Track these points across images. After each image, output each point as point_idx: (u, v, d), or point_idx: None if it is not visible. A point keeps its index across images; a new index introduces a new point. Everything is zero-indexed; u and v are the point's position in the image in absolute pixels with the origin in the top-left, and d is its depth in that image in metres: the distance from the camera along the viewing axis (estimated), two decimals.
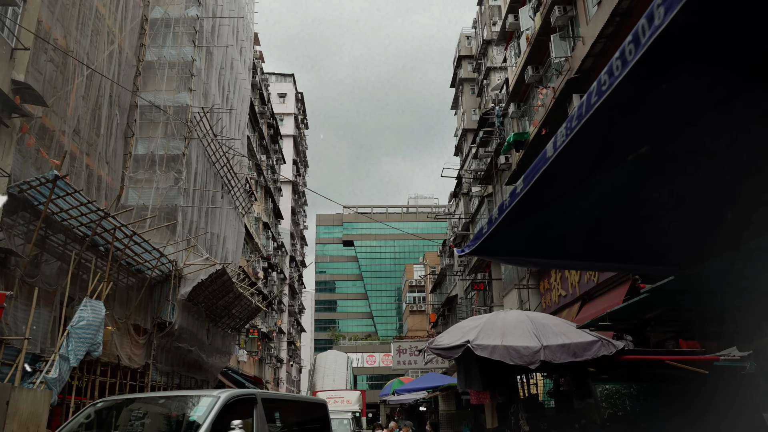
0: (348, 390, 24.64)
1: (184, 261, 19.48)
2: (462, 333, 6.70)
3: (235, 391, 6.44)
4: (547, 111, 14.84)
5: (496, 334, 6.44)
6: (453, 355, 6.45)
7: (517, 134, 17.47)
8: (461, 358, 6.80)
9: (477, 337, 6.45)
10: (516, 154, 19.00)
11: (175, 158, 20.40)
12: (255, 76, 37.78)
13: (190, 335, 20.49)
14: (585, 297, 13.77)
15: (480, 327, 6.64)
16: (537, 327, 6.79)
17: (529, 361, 6.41)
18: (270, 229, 42.40)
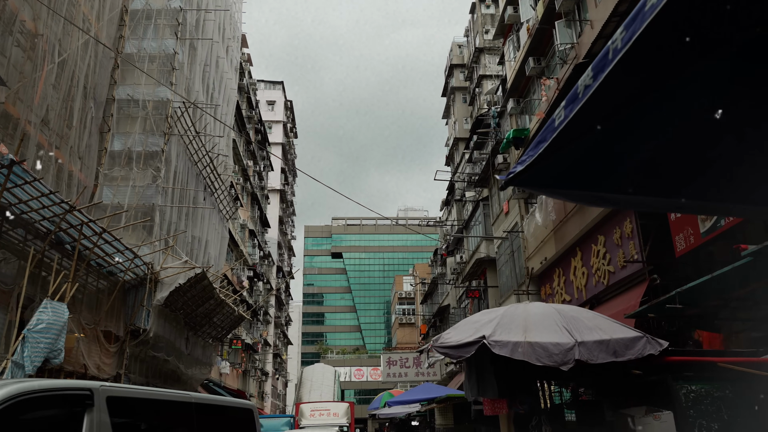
0: (335, 402, 23.06)
1: (161, 264, 18.22)
2: (474, 328, 5.56)
3: (35, 383, 3.76)
4: (551, 102, 13.88)
5: (518, 328, 5.31)
6: (464, 354, 5.30)
7: (516, 130, 16.52)
8: (472, 360, 5.70)
9: (494, 333, 5.31)
10: (515, 153, 18.02)
11: (154, 155, 19.22)
12: (242, 79, 36.75)
13: (166, 344, 19.18)
14: (593, 301, 12.74)
15: (497, 320, 5.49)
16: (567, 320, 5.65)
17: (561, 360, 5.27)
18: (256, 237, 41.13)
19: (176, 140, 20.01)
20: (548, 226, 14.57)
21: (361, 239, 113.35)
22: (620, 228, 11.47)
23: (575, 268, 13.82)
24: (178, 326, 20.34)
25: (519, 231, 17.38)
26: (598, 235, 12.45)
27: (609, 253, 11.97)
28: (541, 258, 15.79)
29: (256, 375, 41.84)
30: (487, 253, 21.83)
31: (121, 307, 17.14)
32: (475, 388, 6.05)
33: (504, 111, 20.28)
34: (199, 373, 23.72)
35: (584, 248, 13.28)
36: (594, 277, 12.79)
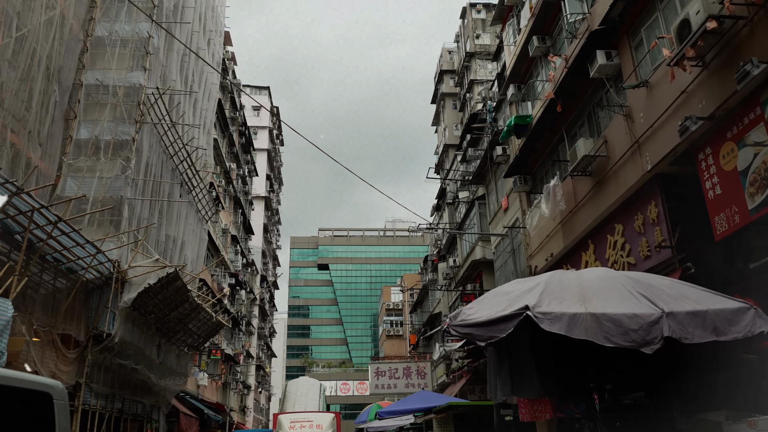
0: (319, 412, 21.08)
1: (129, 262, 16.61)
2: (508, 300, 4.09)
3: None
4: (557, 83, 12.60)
5: (573, 297, 3.88)
6: (496, 333, 3.84)
7: (518, 117, 15.23)
8: (503, 346, 4.27)
9: (540, 303, 3.89)
10: (516, 142, 16.72)
11: (124, 144, 17.69)
12: (225, 78, 35.31)
13: (135, 351, 17.51)
14: None
15: (540, 288, 4.05)
16: (641, 286, 4.25)
17: (641, 339, 3.79)
18: (239, 243, 39.49)
19: (149, 129, 18.51)
20: (556, 218, 13.24)
21: (348, 250, 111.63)
22: (643, 213, 10.14)
23: (587, 263, 12.45)
24: (148, 332, 18.68)
25: (520, 227, 16.03)
26: (615, 224, 11.12)
27: (629, 243, 10.63)
28: (546, 254, 14.42)
29: (237, 388, 39.95)
30: (483, 254, 20.45)
31: (83, 308, 15.49)
32: (508, 384, 4.39)
33: (503, 101, 19.03)
34: (173, 384, 22.00)
35: (598, 240, 11.94)
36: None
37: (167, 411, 23.13)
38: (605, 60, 10.69)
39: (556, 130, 13.68)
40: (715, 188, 8.28)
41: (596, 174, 11.61)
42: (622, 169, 10.57)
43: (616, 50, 10.82)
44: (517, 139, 16.44)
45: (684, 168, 9.43)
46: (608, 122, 11.40)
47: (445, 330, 4.20)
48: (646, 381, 4.59)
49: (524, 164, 15.45)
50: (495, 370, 4.47)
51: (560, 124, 13.35)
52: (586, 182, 12.10)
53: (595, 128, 12.00)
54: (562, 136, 13.57)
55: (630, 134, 10.20)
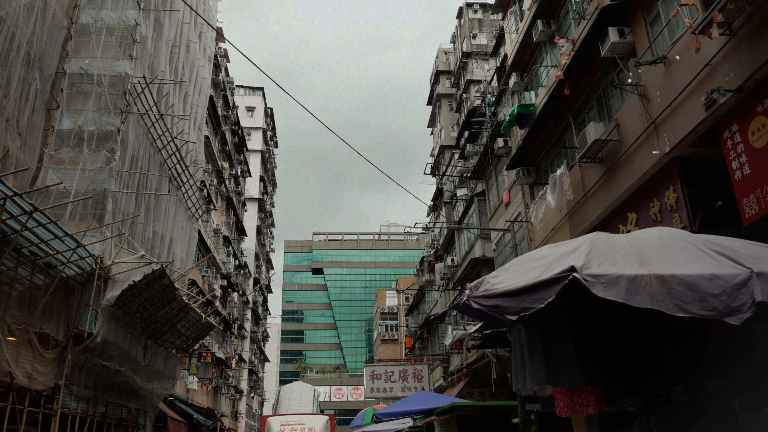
0: (311, 414, 19.95)
1: (113, 258, 15.81)
2: (544, 265, 3.22)
3: None
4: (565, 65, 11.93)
5: (628, 257, 3.08)
6: (532, 303, 2.96)
7: (521, 106, 14.55)
8: (534, 322, 3.53)
9: (588, 264, 3.14)
10: (519, 133, 16.04)
11: (108, 135, 16.91)
12: (218, 74, 34.60)
13: (119, 352, 16.68)
14: None
15: (585, 249, 3.19)
16: (713, 245, 3.48)
17: (725, 306, 2.92)
18: (231, 244, 38.66)
19: (135, 120, 17.74)
20: (563, 210, 12.55)
21: (343, 254, 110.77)
22: (659, 200, 9.46)
23: None
24: (134, 332, 17.87)
25: (523, 221, 15.33)
26: (627, 213, 10.42)
27: None
28: None
29: (228, 393, 39.00)
30: (483, 252, 19.73)
31: (63, 306, 14.67)
32: (542, 371, 3.56)
33: (503, 93, 18.38)
34: (161, 388, 21.13)
35: (608, 231, 11.23)
36: None
37: (154, 416, 22.25)
38: (618, 37, 10.04)
39: (563, 117, 13.01)
40: (743, 168, 7.60)
41: (607, 160, 10.93)
42: (637, 153, 9.90)
43: (629, 27, 10.17)
44: (519, 130, 15.76)
45: (705, 150, 8.76)
46: (620, 105, 10.73)
47: (463, 303, 3.46)
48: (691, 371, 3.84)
49: (527, 155, 14.77)
50: (523, 355, 3.69)
51: (567, 110, 12.69)
52: (595, 170, 11.42)
53: (606, 112, 11.34)
54: (568, 124, 12.90)
55: (646, 115, 9.52)
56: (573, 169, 12.22)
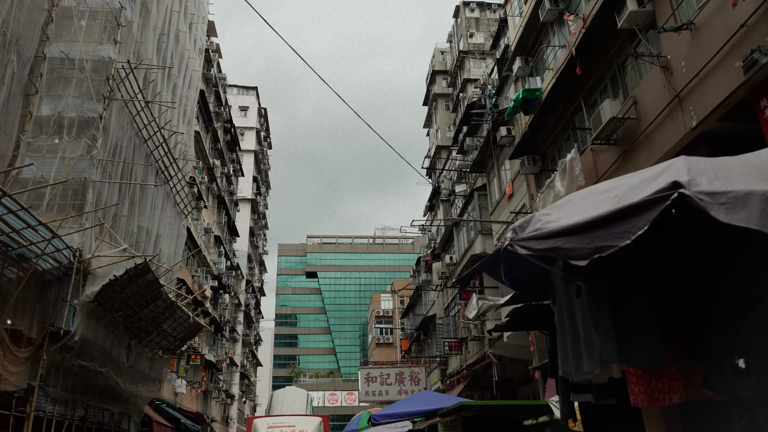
0: (302, 416, 18.74)
1: (93, 251, 14.89)
2: (616, 196, 2.28)
3: None
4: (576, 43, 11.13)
5: (745, 175, 2.28)
6: (611, 241, 1.98)
7: (527, 90, 13.76)
8: (597, 278, 2.63)
9: (695, 180, 2.30)
10: (523, 121, 15.24)
11: (90, 122, 16.01)
12: (210, 69, 33.74)
13: (100, 352, 15.74)
14: None
15: (681, 168, 2.40)
16: None
17: None
18: (223, 244, 37.69)
19: (119, 107, 16.84)
20: None
21: (337, 258, 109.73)
22: None
23: None
24: (116, 332, 16.92)
25: (528, 212, 14.49)
26: None
27: None
28: None
29: (219, 397, 37.96)
30: (484, 248, 18.90)
31: (37, 302, 13.72)
32: (611, 344, 2.64)
33: (505, 82, 17.60)
34: (146, 391, 20.16)
35: None
36: None
37: (139, 420, 21.26)
38: (636, 6, 9.26)
39: (572, 99, 12.22)
40: None
41: (623, 141, 10.13)
42: (658, 131, 9.09)
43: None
44: (524, 117, 14.97)
45: (735, 124, 7.96)
46: (637, 81, 9.94)
47: (505, 249, 2.60)
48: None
49: (533, 142, 13.96)
50: (576, 328, 2.74)
51: (577, 92, 11.90)
52: (610, 153, 10.62)
53: (622, 90, 10.54)
54: (578, 107, 12.11)
55: (669, 88, 8.73)
56: (584, 154, 11.42)
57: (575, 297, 2.88)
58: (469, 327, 19.59)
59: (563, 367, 3.04)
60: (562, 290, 3.05)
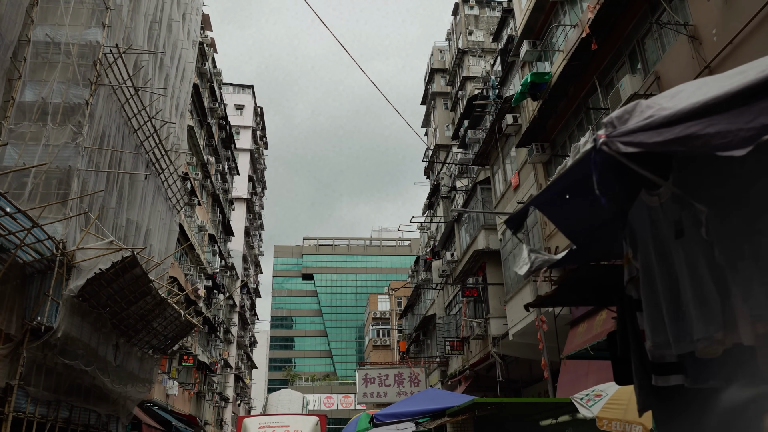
0: (296, 415, 17.63)
1: (78, 243, 14.13)
2: (764, 70, 1.88)
3: None
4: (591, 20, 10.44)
5: None
6: None
7: (535, 74, 13.07)
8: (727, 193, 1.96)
9: None
10: (531, 107, 14.56)
11: (76, 109, 15.26)
12: (204, 64, 33.00)
13: (86, 350, 14.96)
14: None
15: None
16: None
17: None
18: (217, 243, 36.90)
19: (107, 94, 16.10)
20: None
21: (334, 260, 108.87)
22: None
23: None
24: (103, 329, 16.14)
25: None
26: None
27: None
28: None
29: (213, 399, 37.11)
30: (487, 243, 18.20)
31: (17, 296, 12.98)
32: (764, 292, 1.89)
33: (511, 69, 16.92)
34: (135, 392, 19.35)
35: None
36: None
37: (128, 422, 20.44)
38: None
39: (585, 81, 11.53)
40: None
41: None
42: None
43: None
44: (532, 104, 14.28)
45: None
46: (659, 56, 9.24)
47: (599, 149, 1.90)
48: None
49: (542, 129, 13.26)
50: (678, 279, 2.06)
51: (591, 72, 11.21)
52: None
53: (642, 67, 9.84)
54: (591, 89, 11.42)
55: (697, 59, 8.04)
56: None
57: (674, 239, 2.18)
58: (471, 326, 18.86)
59: (654, 338, 2.32)
60: (650, 234, 2.33)
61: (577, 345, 11.58)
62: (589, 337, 10.97)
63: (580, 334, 11.72)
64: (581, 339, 11.49)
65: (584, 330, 11.56)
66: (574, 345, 11.81)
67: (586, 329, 11.44)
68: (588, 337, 11.02)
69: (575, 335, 12.03)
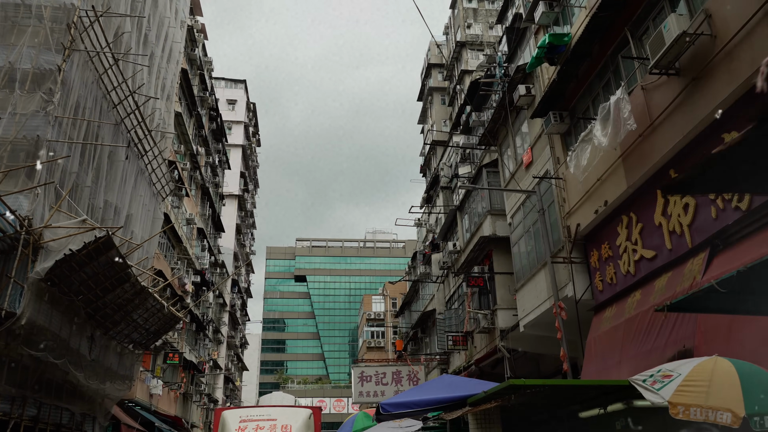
0: (284, 407, 15.57)
1: (46, 221, 12.74)
2: None
3: None
4: None
5: None
6: None
7: (554, 35, 11.82)
8: None
9: None
10: (546, 75, 13.31)
11: (47, 76, 13.91)
12: (194, 49, 31.65)
13: (56, 341, 13.57)
14: (713, 244, 7.85)
15: None
16: None
17: None
18: (207, 238, 35.45)
19: (82, 61, 14.73)
20: (619, 147, 9.78)
21: (327, 262, 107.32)
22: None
23: (667, 202, 8.99)
24: (77, 319, 14.75)
25: (553, 177, 12.52)
26: (722, 135, 7.65)
27: None
28: (595, 205, 10.95)
29: (201, 401, 35.59)
30: (494, 230, 16.94)
31: None
32: None
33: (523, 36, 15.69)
34: (113, 389, 17.93)
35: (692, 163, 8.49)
36: (716, 203, 7.93)
37: (106, 421, 19.01)
38: None
39: (613, 36, 10.29)
40: None
41: (689, 69, 8.20)
42: (745, 44, 7.17)
43: None
44: (549, 70, 13.04)
45: None
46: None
47: None
48: None
49: (560, 96, 12.02)
50: None
51: (621, 25, 9.97)
52: (669, 87, 8.68)
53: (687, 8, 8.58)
54: (622, 43, 10.19)
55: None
56: (632, 95, 9.48)
57: None
58: (477, 318, 17.56)
59: None
60: None
61: (604, 332, 10.31)
62: (620, 320, 9.70)
63: (607, 320, 10.44)
64: (609, 324, 10.22)
65: (613, 314, 10.29)
66: (600, 332, 10.54)
67: (616, 313, 10.17)
68: (619, 321, 9.75)
69: (601, 321, 10.75)
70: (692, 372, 4.82)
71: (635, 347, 8.63)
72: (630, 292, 9.98)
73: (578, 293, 11.59)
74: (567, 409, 7.48)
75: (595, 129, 9.82)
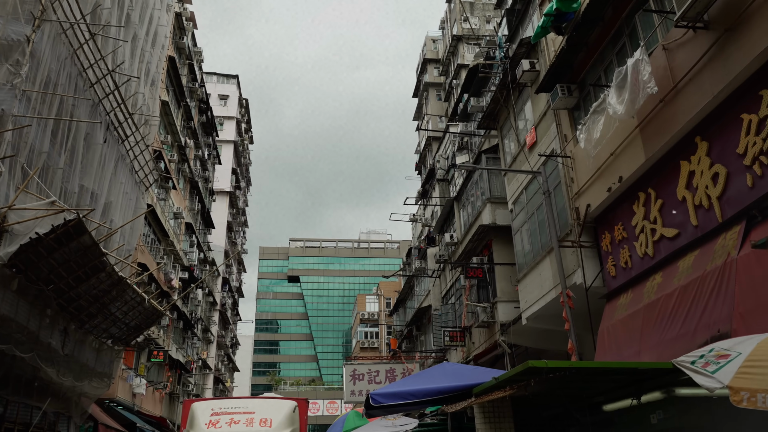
0: (265, 398, 14.00)
1: (11, 202, 11.73)
2: None
3: None
4: None
5: None
6: None
7: (562, 1, 10.92)
8: None
9: None
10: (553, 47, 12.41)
11: (14, 47, 12.87)
12: (183, 38, 30.64)
13: (23, 333, 12.55)
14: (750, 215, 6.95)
15: None
16: None
17: None
18: (195, 234, 34.39)
19: (54, 33, 13.74)
20: (636, 117, 8.87)
21: (321, 262, 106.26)
22: None
23: (692, 173, 8.09)
24: (48, 310, 13.71)
25: (560, 155, 11.60)
26: (760, 92, 6.76)
27: None
28: (608, 182, 10.04)
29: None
30: (493, 218, 16.04)
31: None
32: None
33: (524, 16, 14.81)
34: (90, 387, 16.89)
35: (717, 133, 7.60)
36: (752, 170, 7.02)
37: (82, 421, 17.96)
38: None
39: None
40: None
41: (719, 21, 7.31)
42: None
43: None
44: (555, 42, 12.15)
45: None
46: None
47: None
48: None
49: (568, 68, 11.12)
50: None
51: None
52: (695, 44, 7.79)
53: None
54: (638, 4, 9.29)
55: None
56: (654, 54, 8.59)
57: None
58: (475, 312, 16.65)
59: None
60: None
61: (619, 320, 9.39)
62: (638, 307, 8.79)
63: (622, 307, 9.53)
64: (625, 312, 9.30)
65: (628, 301, 9.37)
66: (614, 321, 9.62)
67: (632, 300, 9.25)
68: (637, 307, 8.84)
69: (615, 309, 9.84)
70: (757, 350, 3.91)
71: (658, 335, 7.72)
72: (648, 276, 9.07)
73: (588, 280, 10.67)
74: (588, 401, 6.55)
75: (609, 97, 8.92)
